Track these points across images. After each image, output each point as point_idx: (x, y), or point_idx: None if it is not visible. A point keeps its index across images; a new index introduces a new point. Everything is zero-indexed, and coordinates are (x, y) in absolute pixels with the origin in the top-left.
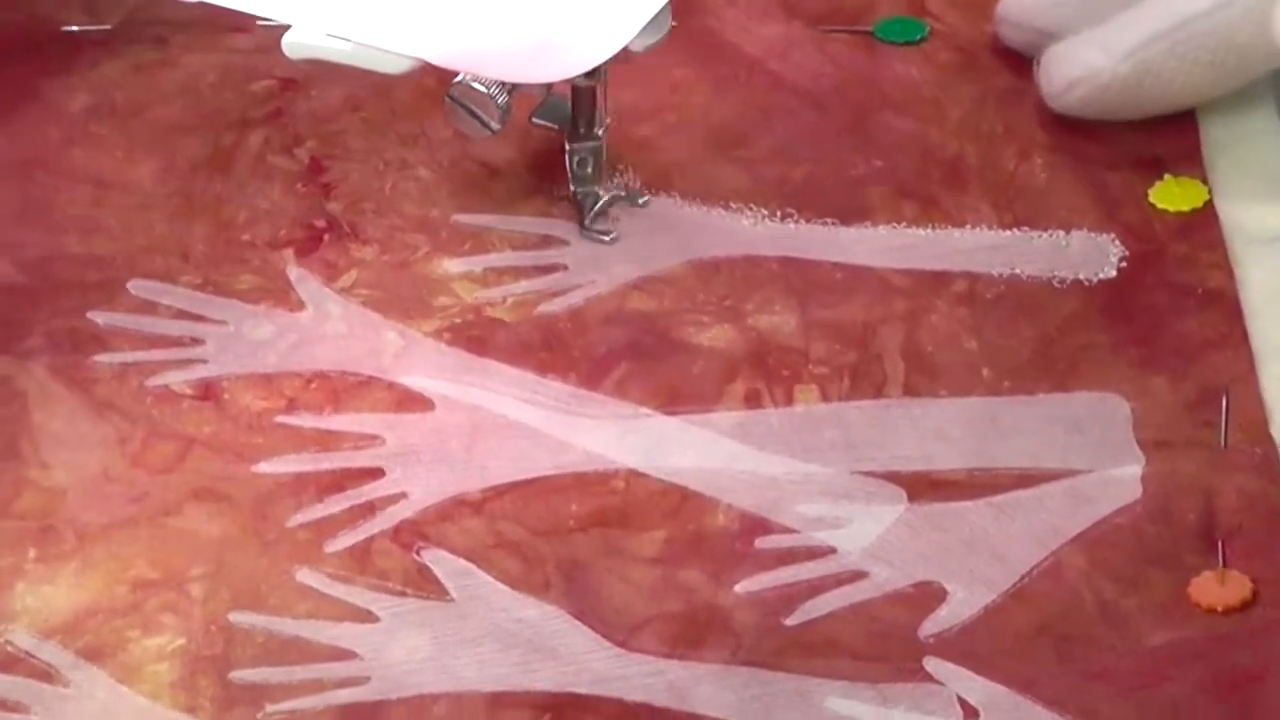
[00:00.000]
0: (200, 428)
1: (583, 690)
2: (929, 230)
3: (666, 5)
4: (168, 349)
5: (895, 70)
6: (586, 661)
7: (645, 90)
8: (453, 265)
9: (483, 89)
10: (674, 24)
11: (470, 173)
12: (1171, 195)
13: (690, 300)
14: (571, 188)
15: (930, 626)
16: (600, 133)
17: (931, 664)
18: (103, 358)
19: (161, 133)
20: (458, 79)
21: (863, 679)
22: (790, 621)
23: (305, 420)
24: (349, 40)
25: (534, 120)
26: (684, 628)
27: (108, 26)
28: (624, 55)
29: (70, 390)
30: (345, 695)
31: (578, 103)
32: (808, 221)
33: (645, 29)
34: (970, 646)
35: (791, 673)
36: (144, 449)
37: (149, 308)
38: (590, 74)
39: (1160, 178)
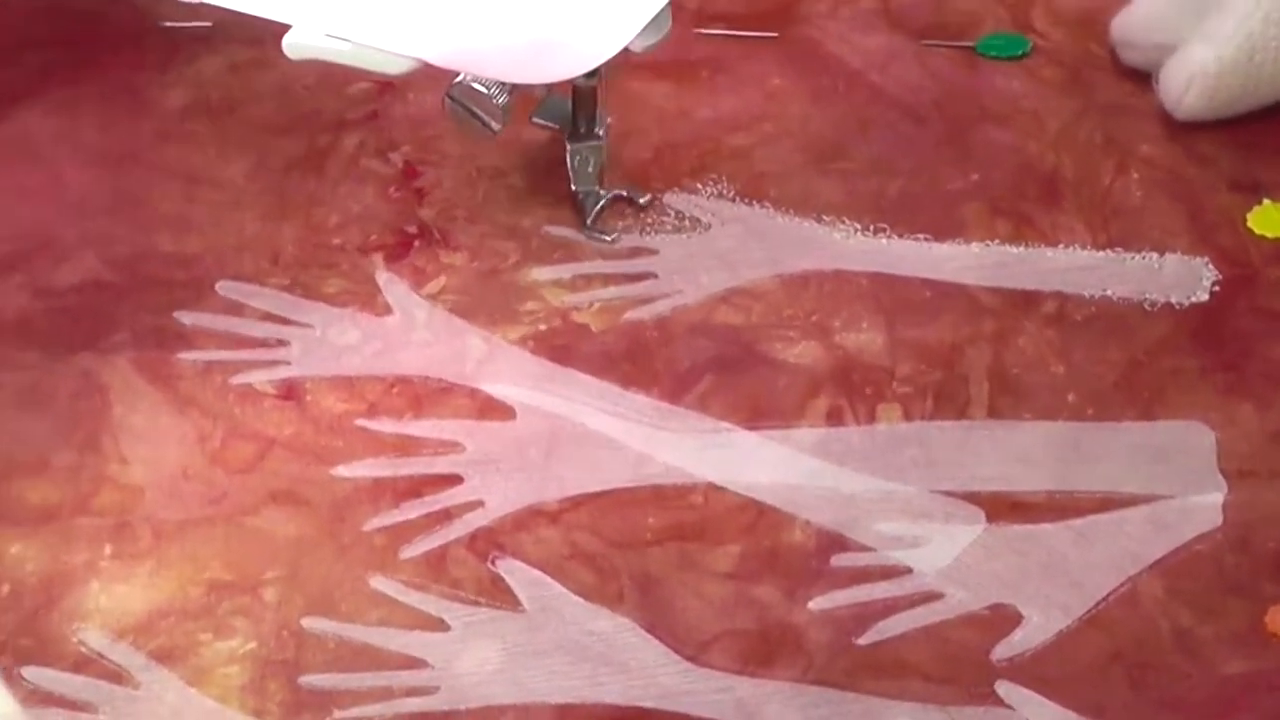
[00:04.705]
0: (281, 428)
1: (650, 705)
2: (1022, 248)
3: (666, 6)
4: (253, 349)
5: (996, 85)
6: (656, 676)
7: (742, 99)
8: (542, 273)
9: (483, 89)
10: (775, 34)
11: (565, 179)
12: (1270, 220)
13: (777, 315)
14: (573, 187)
15: (1003, 650)
16: (601, 133)
17: (1003, 688)
18: (187, 355)
19: (255, 132)
20: (458, 79)
21: (933, 701)
22: (862, 641)
23: (386, 425)
24: (349, 41)
25: (534, 120)
26: (755, 644)
27: (207, 24)
28: (623, 56)
29: (153, 385)
30: (414, 704)
31: (578, 103)
32: (900, 237)
33: (645, 29)
34: (1042, 672)
35: (861, 693)
36: (224, 448)
37: (236, 309)
38: (590, 74)
39: (1259, 202)
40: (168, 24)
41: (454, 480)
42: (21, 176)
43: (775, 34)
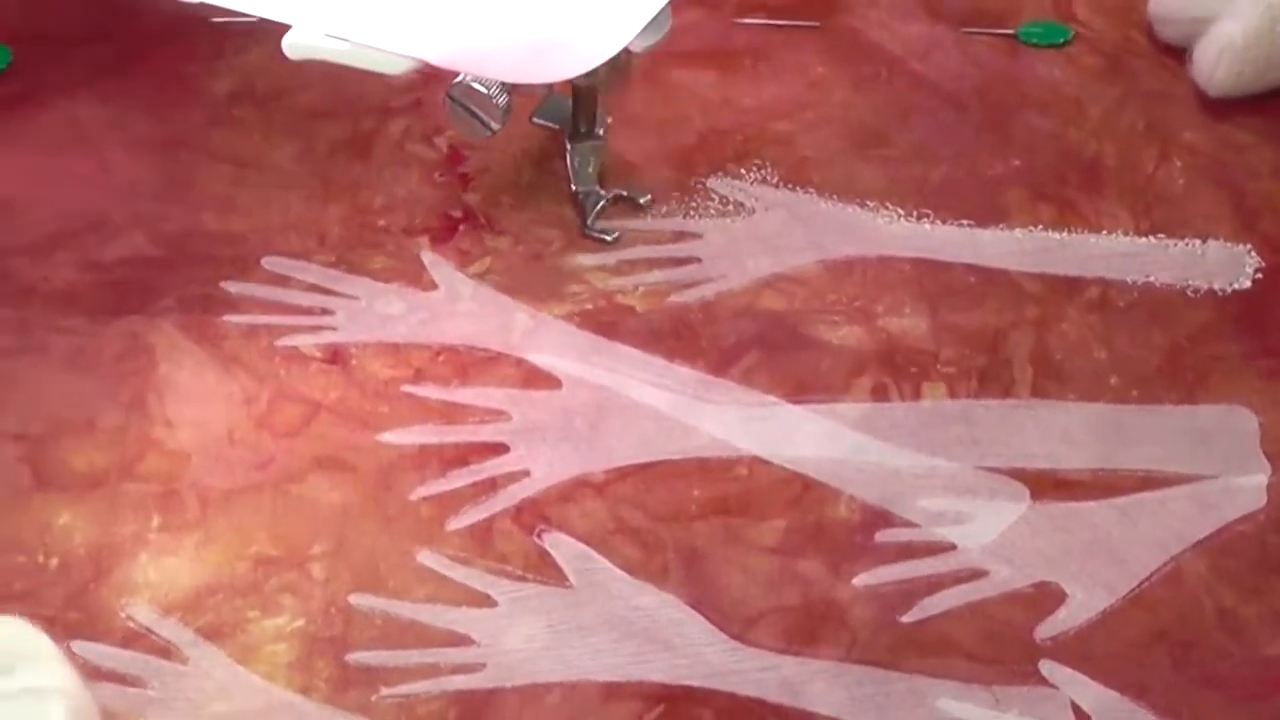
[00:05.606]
0: (327, 393)
1: (696, 683)
2: (1065, 234)
3: (666, 5)
4: (298, 316)
5: (1037, 72)
6: (702, 654)
7: (784, 86)
8: (586, 259)
9: (483, 89)
10: (816, 24)
11: (610, 165)
12: None
13: (821, 300)
14: (573, 187)
15: (1047, 629)
16: (601, 132)
17: (1047, 667)
18: (232, 318)
19: (302, 117)
20: (458, 79)
21: (977, 680)
22: (907, 619)
23: (432, 391)
24: (349, 41)
25: (534, 120)
26: (800, 621)
27: (253, 18)
28: (624, 55)
29: (199, 345)
30: (460, 681)
31: (578, 103)
32: (944, 222)
33: (645, 29)
34: (1086, 651)
35: (905, 672)
36: (270, 411)
37: (281, 281)
38: (590, 74)
39: None
40: (216, 19)
41: (500, 449)
42: (71, 163)
43: (816, 23)
